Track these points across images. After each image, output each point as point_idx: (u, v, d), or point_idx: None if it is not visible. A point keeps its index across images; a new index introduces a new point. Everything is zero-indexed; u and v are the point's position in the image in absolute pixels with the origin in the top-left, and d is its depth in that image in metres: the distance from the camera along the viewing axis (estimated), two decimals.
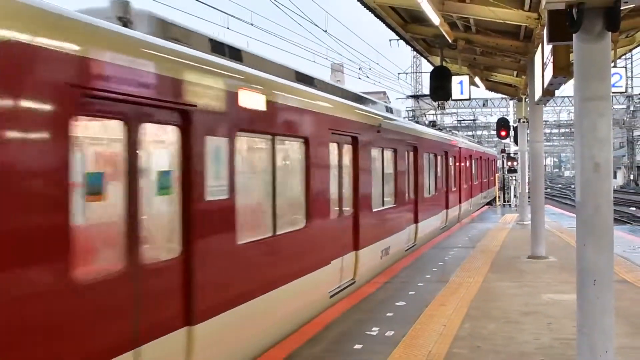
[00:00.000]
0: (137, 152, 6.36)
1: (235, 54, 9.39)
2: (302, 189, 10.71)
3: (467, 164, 33.81)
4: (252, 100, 8.74)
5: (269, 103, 9.26)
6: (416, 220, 19.56)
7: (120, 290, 6.01)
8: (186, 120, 7.13)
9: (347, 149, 13.09)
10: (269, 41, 56.85)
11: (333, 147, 12.16)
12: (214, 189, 7.61)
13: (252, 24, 20.10)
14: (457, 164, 29.55)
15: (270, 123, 9.40)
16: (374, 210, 14.58)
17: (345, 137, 12.86)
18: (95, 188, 6.03)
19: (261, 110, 9.04)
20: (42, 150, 5.14)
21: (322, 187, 11.37)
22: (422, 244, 20.21)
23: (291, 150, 10.57)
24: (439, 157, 24.47)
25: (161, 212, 7.04)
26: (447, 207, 25.94)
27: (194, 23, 9.30)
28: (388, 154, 16.46)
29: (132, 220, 6.24)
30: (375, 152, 15.05)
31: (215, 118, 7.78)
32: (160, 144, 7.10)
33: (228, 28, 51.32)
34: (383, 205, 15.75)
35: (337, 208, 12.40)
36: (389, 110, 18.94)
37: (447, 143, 27.20)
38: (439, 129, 28.96)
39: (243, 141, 8.67)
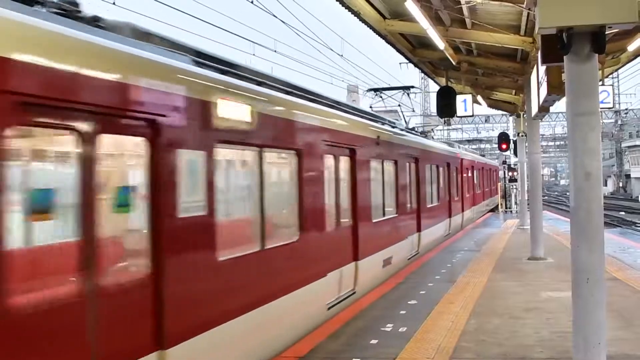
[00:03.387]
0: (93, 165, 5.29)
1: (213, 60, 8.10)
2: (295, 201, 9.59)
3: (469, 174, 32.25)
4: (235, 110, 7.68)
5: (255, 114, 8.17)
6: (419, 229, 18.36)
7: (71, 315, 4.99)
8: (154, 131, 6.03)
9: (345, 161, 12.00)
10: (291, 66, 57.04)
11: (329, 160, 11.03)
12: (188, 204, 6.51)
13: (275, 51, 20.21)
14: (459, 174, 28.05)
15: (256, 134, 8.20)
16: (374, 220, 13.55)
17: (342, 149, 11.79)
18: (42, 206, 5.00)
19: (245, 121, 7.93)
20: None
21: (317, 199, 10.26)
22: (425, 252, 18.98)
23: (282, 163, 9.56)
24: (441, 168, 23.10)
25: (126, 229, 6.13)
26: (449, 216, 24.56)
27: (223, 51, 9.38)
28: (388, 166, 15.39)
29: (87, 239, 5.21)
30: (374, 164, 13.98)
31: (189, 129, 6.64)
32: (122, 157, 6.18)
33: (254, 55, 51.53)
34: (384, 215, 14.68)
35: (335, 219, 11.30)
36: (389, 123, 17.87)
37: (448, 155, 25.88)
38: (425, 135, 24.96)
39: (224, 153, 7.49)
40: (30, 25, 4.90)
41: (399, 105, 21.08)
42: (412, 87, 16.34)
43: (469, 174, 32.39)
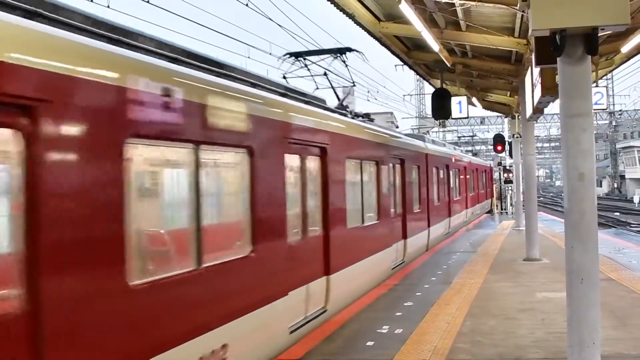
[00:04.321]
0: None
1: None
2: (246, 209, 7.95)
3: (462, 176, 30.49)
4: (153, 97, 6.01)
5: (187, 102, 6.57)
6: (405, 236, 17.04)
7: None
8: (32, 120, 4.61)
9: (314, 161, 10.51)
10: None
11: (292, 159, 9.50)
12: (73, 212, 4.94)
13: (270, 54, 20.20)
14: (449, 176, 26.08)
15: (188, 127, 6.54)
16: (350, 227, 12.05)
17: (309, 147, 10.27)
18: None
19: (171, 110, 6.28)
20: None
21: (275, 207, 8.67)
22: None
23: (227, 163, 8.01)
24: (430, 170, 21.33)
25: None
26: (429, 225, 21.36)
27: (218, 54, 9.35)
28: (369, 167, 13.95)
29: None
30: (351, 165, 12.48)
31: (83, 117, 5.08)
32: None
33: (249, 57, 51.34)
34: (363, 222, 13.17)
35: (300, 229, 9.73)
36: (367, 118, 16.07)
37: (439, 156, 23.86)
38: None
39: (136, 149, 5.82)
40: None
41: (325, 74, 14.96)
42: (349, 49, 13.41)
43: (462, 176, 30.08)
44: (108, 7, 12.33)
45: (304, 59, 14.67)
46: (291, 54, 14.59)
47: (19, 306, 4.51)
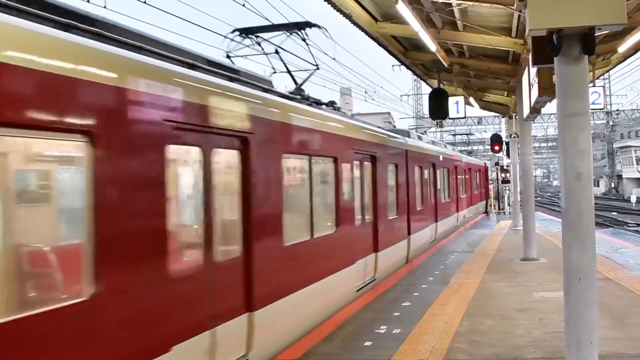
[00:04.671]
0: None
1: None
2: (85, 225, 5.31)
3: (453, 176, 28.14)
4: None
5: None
6: (376, 249, 14.27)
7: None
8: None
9: (224, 156, 7.70)
10: (283, 68, 57.02)
11: (182, 153, 6.87)
12: None
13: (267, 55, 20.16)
14: (435, 176, 23.33)
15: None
16: (289, 244, 9.19)
17: (215, 136, 7.38)
18: None
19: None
20: None
21: (154, 221, 6.17)
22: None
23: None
24: (411, 169, 18.56)
25: None
26: (410, 233, 18.18)
27: (217, 56, 9.32)
28: (322, 165, 11.23)
29: None
30: (291, 162, 9.87)
31: None
32: None
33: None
34: (312, 234, 10.35)
35: (203, 252, 7.04)
36: (331, 107, 13.47)
37: (423, 153, 21.17)
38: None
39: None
40: None
41: (277, 52, 12.33)
42: (309, 25, 11.51)
43: (452, 176, 27.14)
44: (105, 7, 12.32)
45: (256, 36, 12.12)
46: (240, 30, 12.13)
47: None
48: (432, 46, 14.83)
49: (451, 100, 18.82)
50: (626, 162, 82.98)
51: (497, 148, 34.20)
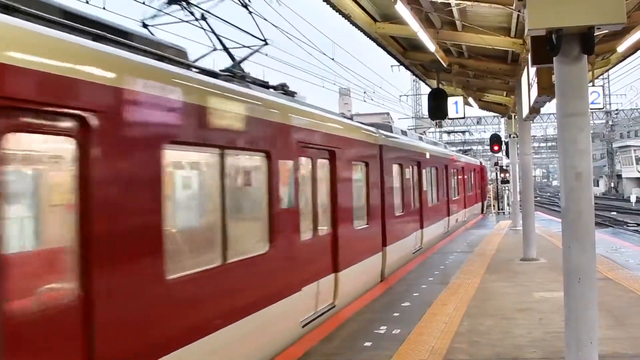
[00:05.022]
0: None
1: None
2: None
3: (443, 176, 25.63)
4: None
5: None
6: (336, 268, 11.38)
7: None
8: None
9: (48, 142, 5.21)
10: (283, 69, 57.10)
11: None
12: None
13: (266, 55, 20.17)
14: (421, 176, 20.38)
15: None
16: (173, 278, 6.37)
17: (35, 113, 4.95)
18: None
19: None
20: None
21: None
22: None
23: None
24: (386, 168, 15.65)
25: None
26: (385, 244, 15.21)
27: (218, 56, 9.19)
28: (243, 162, 8.48)
29: None
30: (183, 157, 7.26)
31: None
32: None
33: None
34: (225, 257, 7.48)
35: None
36: (281, 91, 11.14)
37: (403, 149, 18.12)
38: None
39: None
40: None
41: (204, 18, 8.39)
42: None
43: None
44: (104, 8, 12.31)
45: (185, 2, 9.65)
46: None
47: None
48: (431, 46, 14.83)
49: (450, 101, 18.79)
50: (626, 162, 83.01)
51: (496, 148, 34.19)
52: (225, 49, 10.30)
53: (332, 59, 23.87)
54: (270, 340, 8.64)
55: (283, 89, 11.20)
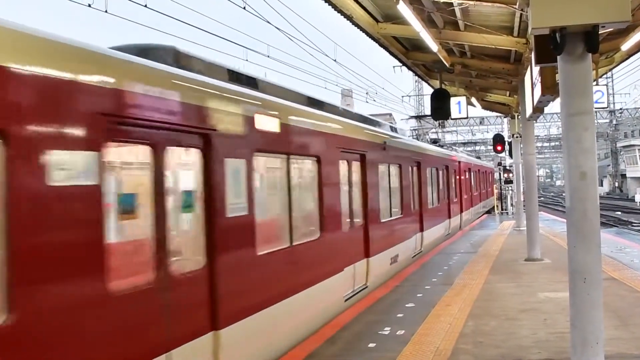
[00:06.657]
0: None
1: None
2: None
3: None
4: None
5: None
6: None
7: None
8: None
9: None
10: (285, 71, 57.07)
11: None
12: None
13: (268, 56, 20.17)
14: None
15: None
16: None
17: None
18: None
19: None
20: None
21: None
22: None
23: None
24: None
25: None
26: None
27: (215, 56, 9.27)
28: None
29: None
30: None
31: None
32: None
33: (247, 60, 51.41)
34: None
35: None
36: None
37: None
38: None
39: None
40: None
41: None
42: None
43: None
44: (106, 11, 12.32)
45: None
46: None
47: None
48: (434, 46, 14.80)
49: (453, 101, 18.78)
50: (630, 161, 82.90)
51: (499, 148, 34.17)
52: None
53: (334, 60, 23.88)
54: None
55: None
